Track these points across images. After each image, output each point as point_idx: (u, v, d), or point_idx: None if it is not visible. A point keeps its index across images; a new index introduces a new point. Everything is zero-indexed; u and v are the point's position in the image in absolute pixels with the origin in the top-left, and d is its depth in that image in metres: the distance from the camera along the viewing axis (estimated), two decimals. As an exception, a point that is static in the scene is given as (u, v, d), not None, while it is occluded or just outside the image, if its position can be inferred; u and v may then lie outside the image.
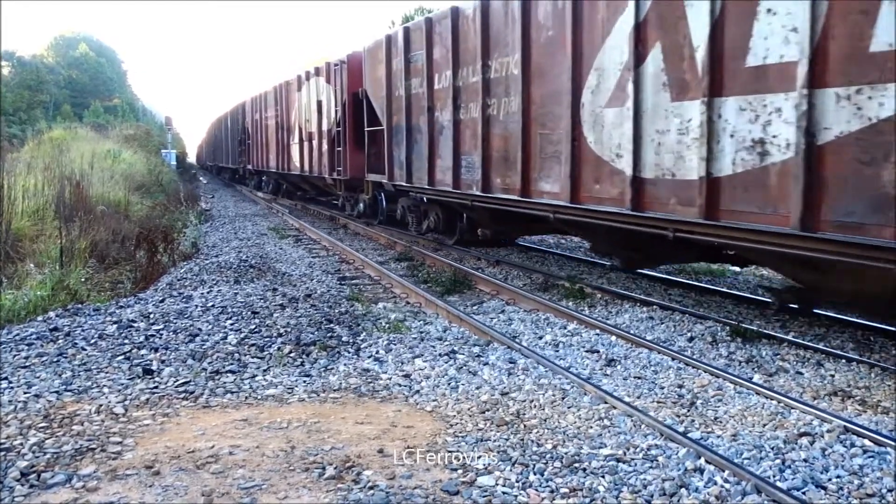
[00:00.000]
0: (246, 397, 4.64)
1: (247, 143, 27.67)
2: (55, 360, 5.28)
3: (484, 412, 4.35)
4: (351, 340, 5.92)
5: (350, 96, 14.46)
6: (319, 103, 16.67)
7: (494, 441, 3.89)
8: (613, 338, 6.10)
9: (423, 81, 10.65)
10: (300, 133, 18.55)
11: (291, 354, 5.50)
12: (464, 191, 9.62)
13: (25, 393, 4.58)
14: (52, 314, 6.70)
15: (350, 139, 14.62)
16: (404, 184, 11.71)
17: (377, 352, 5.67)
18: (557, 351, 5.83)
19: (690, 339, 6.13)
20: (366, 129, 13.63)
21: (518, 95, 8.19)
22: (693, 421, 4.27)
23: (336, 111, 15.31)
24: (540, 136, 7.92)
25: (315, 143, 17.16)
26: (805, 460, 3.67)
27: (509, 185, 8.56)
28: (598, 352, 5.72)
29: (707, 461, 3.59)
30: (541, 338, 6.24)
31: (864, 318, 6.39)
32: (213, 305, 6.85)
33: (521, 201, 8.34)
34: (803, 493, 3.33)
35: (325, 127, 16.25)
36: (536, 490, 3.34)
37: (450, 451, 3.75)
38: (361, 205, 15.39)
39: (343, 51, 19.08)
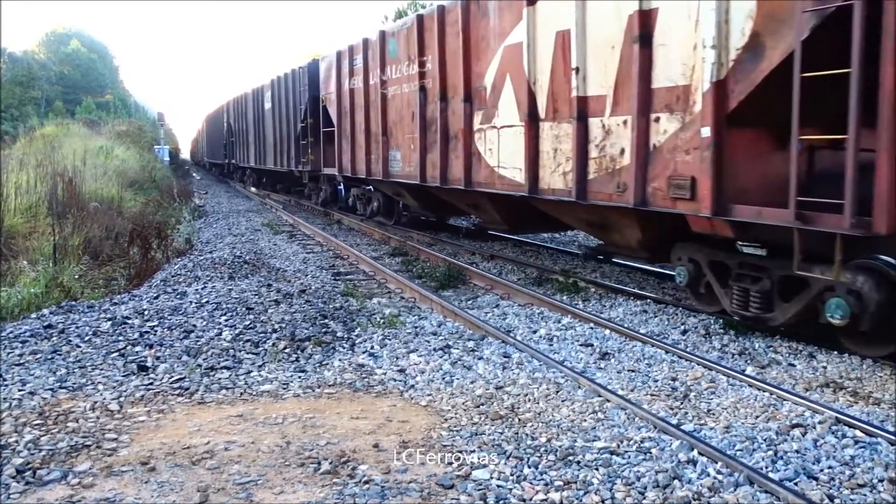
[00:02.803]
0: (241, 393, 4.64)
1: (319, 134, 16.33)
2: (49, 357, 5.27)
3: (479, 406, 4.36)
4: (346, 336, 5.93)
5: None
6: (645, 17, 6.19)
7: (489, 435, 3.91)
8: (607, 331, 6.13)
9: None
10: (530, 100, 7.85)
11: (286, 350, 5.50)
12: None
13: (20, 390, 4.57)
14: (45, 311, 6.68)
15: None
16: None
17: (372, 347, 5.68)
18: (552, 345, 5.85)
19: (684, 332, 6.17)
20: None
21: None
22: (686, 413, 4.30)
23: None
24: None
25: (612, 123, 6.69)
26: (797, 451, 3.70)
27: None
28: (592, 345, 5.74)
29: (700, 453, 3.62)
30: (535, 332, 6.26)
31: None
32: (207, 302, 6.84)
33: None
34: (795, 483, 3.35)
35: (687, 77, 5.83)
36: (531, 483, 3.36)
37: (445, 446, 3.77)
38: None
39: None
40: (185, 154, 65.60)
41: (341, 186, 16.41)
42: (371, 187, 14.29)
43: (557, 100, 7.44)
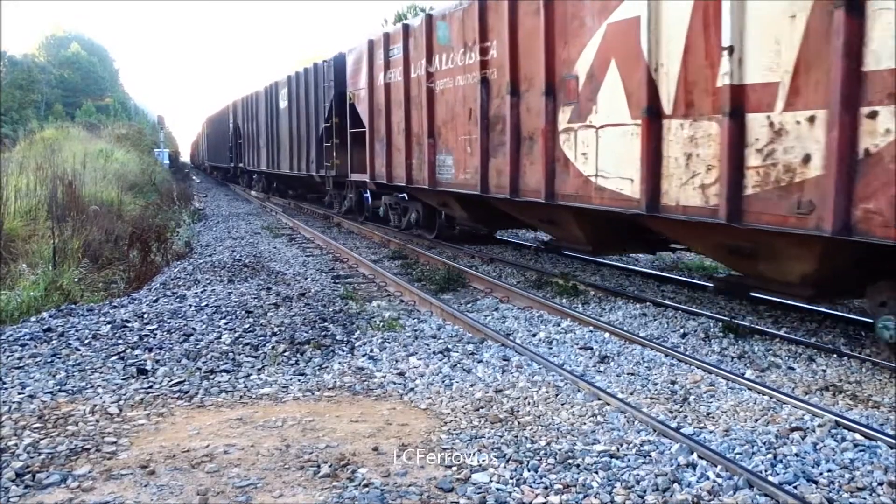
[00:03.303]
0: (241, 396, 4.64)
1: (346, 135, 14.60)
2: (49, 360, 5.27)
3: (478, 409, 4.36)
4: (345, 339, 5.93)
5: None
6: None
7: (489, 438, 3.91)
8: (607, 335, 6.13)
9: None
10: (649, 91, 6.14)
11: (286, 353, 5.50)
12: None
13: (20, 394, 4.57)
14: (45, 314, 6.68)
15: None
16: None
17: (371, 350, 5.68)
18: (551, 348, 5.85)
19: (683, 336, 6.17)
20: None
21: None
22: (686, 417, 4.30)
23: None
24: None
25: (787, 121, 5.15)
26: (797, 454, 3.70)
27: None
28: (591, 349, 5.75)
29: (700, 456, 3.62)
30: (534, 335, 6.26)
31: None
32: (206, 305, 6.85)
33: None
34: (795, 487, 3.36)
35: None
36: (530, 486, 3.36)
37: (444, 449, 3.77)
38: None
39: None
40: (185, 157, 65.62)
41: (367, 194, 14.73)
42: (405, 195, 12.54)
43: (693, 90, 5.68)
